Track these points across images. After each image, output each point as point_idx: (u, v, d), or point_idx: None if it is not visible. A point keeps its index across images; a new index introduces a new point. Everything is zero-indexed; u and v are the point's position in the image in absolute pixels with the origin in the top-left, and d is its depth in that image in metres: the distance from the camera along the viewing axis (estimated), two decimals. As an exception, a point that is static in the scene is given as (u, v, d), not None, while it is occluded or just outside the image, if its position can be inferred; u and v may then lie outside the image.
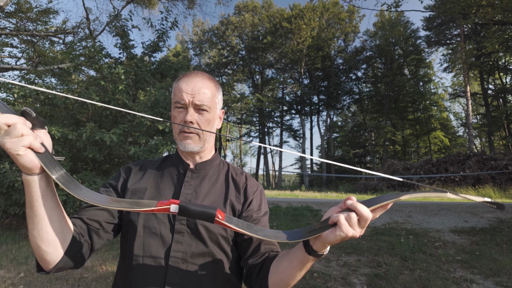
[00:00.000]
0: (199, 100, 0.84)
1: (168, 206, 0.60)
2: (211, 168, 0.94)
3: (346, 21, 25.68)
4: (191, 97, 0.84)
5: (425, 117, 26.07)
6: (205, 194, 0.87)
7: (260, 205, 0.91)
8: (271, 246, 0.84)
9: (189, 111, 0.84)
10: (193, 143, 0.86)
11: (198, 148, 0.88)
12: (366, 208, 0.58)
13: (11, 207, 5.09)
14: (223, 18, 28.32)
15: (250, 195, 0.91)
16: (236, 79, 29.51)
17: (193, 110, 0.85)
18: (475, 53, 16.95)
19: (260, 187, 0.96)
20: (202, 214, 0.61)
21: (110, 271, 3.63)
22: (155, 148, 5.14)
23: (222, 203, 0.87)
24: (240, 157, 43.62)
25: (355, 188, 16.33)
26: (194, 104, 0.84)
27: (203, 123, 0.86)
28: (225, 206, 0.86)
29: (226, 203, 0.87)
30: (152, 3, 14.11)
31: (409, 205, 7.80)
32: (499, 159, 12.79)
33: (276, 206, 8.01)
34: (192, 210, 0.60)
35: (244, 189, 0.91)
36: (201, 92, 0.85)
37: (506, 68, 21.41)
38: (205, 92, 0.86)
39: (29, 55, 11.23)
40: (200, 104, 0.84)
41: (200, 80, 0.87)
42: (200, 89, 0.85)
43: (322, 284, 3.29)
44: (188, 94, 0.84)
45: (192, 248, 0.79)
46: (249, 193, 0.91)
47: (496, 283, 3.28)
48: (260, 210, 0.90)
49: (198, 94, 0.84)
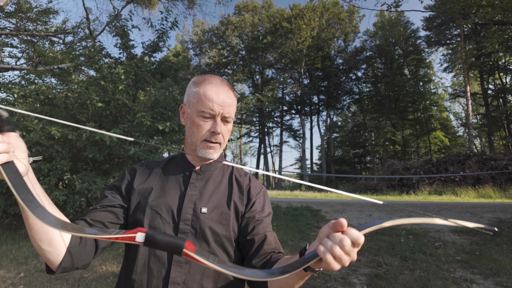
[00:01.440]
0: (228, 113, 0.86)
1: (134, 234, 0.55)
2: (215, 169, 0.95)
3: (346, 21, 25.68)
4: (221, 109, 0.85)
5: (425, 117, 26.07)
6: (210, 196, 0.88)
7: (263, 206, 0.91)
8: (273, 246, 0.84)
9: (218, 122, 0.85)
10: (215, 152, 0.89)
11: (217, 155, 0.91)
12: (357, 232, 0.54)
13: (11, 207, 5.09)
14: (223, 18, 28.32)
15: (253, 196, 0.91)
16: (236, 79, 29.51)
17: (220, 121, 0.86)
18: (475, 53, 16.96)
19: (263, 188, 0.97)
20: (169, 245, 0.55)
21: (110, 271, 3.63)
22: (155, 148, 5.14)
23: (225, 204, 0.87)
24: (240, 157, 43.63)
25: (355, 188, 16.33)
26: (222, 116, 0.86)
27: (226, 133, 0.89)
28: (229, 208, 0.87)
29: (230, 204, 0.88)
30: (152, 3, 14.11)
31: (409, 205, 7.81)
32: (499, 159, 12.80)
33: (276, 206, 8.01)
34: (159, 240, 0.55)
35: (248, 191, 0.92)
36: (229, 103, 0.87)
37: (506, 68, 21.41)
38: (231, 104, 0.88)
39: (29, 55, 11.23)
40: (228, 116, 0.87)
41: (227, 90, 0.88)
42: (228, 101, 0.87)
43: (322, 284, 3.29)
44: (219, 106, 0.84)
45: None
46: (253, 194, 0.91)
47: (496, 283, 3.28)
48: (263, 211, 0.90)
49: (228, 106, 0.86)
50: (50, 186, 4.66)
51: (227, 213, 0.85)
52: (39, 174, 4.73)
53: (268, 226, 0.89)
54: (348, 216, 6.80)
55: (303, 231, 5.70)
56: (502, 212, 6.55)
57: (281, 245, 0.88)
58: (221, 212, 0.85)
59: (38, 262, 3.90)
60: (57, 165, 4.72)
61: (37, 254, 4.21)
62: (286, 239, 5.14)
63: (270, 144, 34.47)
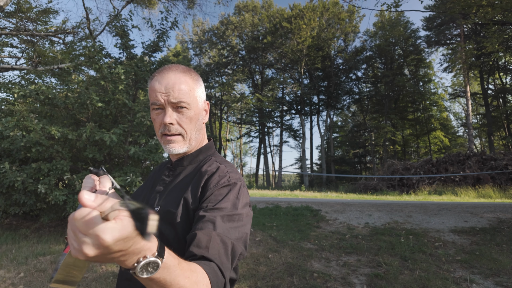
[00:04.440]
0: (175, 98, 0.77)
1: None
2: (189, 164, 0.86)
3: (346, 21, 25.67)
4: (165, 96, 0.77)
5: (425, 117, 26.08)
6: (169, 192, 0.81)
7: (220, 201, 0.71)
8: (200, 250, 0.62)
9: (167, 111, 0.78)
10: (177, 145, 0.80)
11: (185, 149, 0.82)
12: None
13: (11, 207, 5.09)
14: (223, 18, 28.32)
15: (210, 188, 0.74)
16: (236, 79, 29.50)
17: (171, 109, 0.78)
18: (475, 53, 16.95)
19: (233, 181, 0.77)
20: None
21: (110, 271, 3.63)
22: (155, 148, 5.14)
23: (175, 202, 0.76)
24: (240, 157, 43.62)
25: (355, 188, 16.33)
26: (171, 103, 0.78)
27: (184, 122, 0.80)
28: (178, 205, 0.75)
29: (180, 201, 0.75)
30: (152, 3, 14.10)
31: (409, 205, 7.80)
32: (499, 159, 12.80)
33: (276, 206, 8.01)
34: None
35: (205, 182, 0.76)
36: (175, 88, 0.78)
37: (506, 68, 21.40)
38: (180, 88, 0.78)
39: (29, 55, 11.23)
40: (177, 101, 0.78)
41: (173, 75, 0.79)
42: (174, 86, 0.78)
43: (322, 284, 3.29)
44: (162, 94, 0.77)
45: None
46: (209, 186, 0.75)
47: (496, 283, 3.28)
48: (217, 207, 0.70)
49: (173, 91, 0.77)
50: (50, 186, 4.66)
51: (173, 212, 0.74)
52: (39, 174, 4.73)
53: (210, 225, 0.66)
54: (348, 216, 6.80)
55: (303, 231, 5.70)
56: (502, 212, 6.55)
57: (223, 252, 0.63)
58: (167, 210, 0.75)
59: (38, 262, 3.90)
60: (57, 165, 4.72)
61: (37, 254, 4.21)
62: (286, 239, 5.14)
63: (270, 144, 34.50)
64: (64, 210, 4.97)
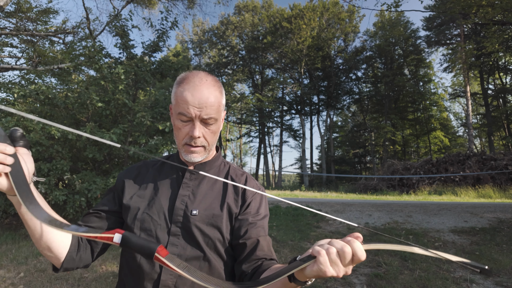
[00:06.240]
0: (207, 114, 0.79)
1: (112, 235, 0.57)
2: (210, 169, 0.91)
3: (346, 21, 25.67)
4: (198, 111, 0.78)
5: (425, 117, 26.07)
6: (203, 197, 0.85)
7: (258, 208, 0.87)
8: (265, 253, 0.81)
9: (196, 125, 0.79)
10: (199, 156, 0.83)
11: (203, 158, 0.85)
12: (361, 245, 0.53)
13: (11, 207, 5.09)
14: (223, 18, 28.31)
15: (249, 197, 0.87)
16: (236, 79, 29.50)
17: (200, 123, 0.80)
18: (475, 53, 16.96)
19: (261, 188, 0.92)
20: (142, 248, 0.57)
21: (110, 271, 3.63)
22: (155, 148, 5.14)
23: (219, 206, 0.84)
24: (240, 157, 43.62)
25: (355, 188, 16.33)
26: (201, 118, 0.79)
27: (209, 136, 0.83)
28: (221, 209, 0.83)
29: (223, 206, 0.84)
30: (152, 3, 14.11)
31: (409, 205, 7.80)
32: (499, 159, 12.80)
33: (276, 206, 8.01)
34: (133, 242, 0.57)
35: (243, 191, 0.88)
36: (208, 104, 0.78)
37: (506, 68, 21.40)
38: (212, 104, 0.79)
39: (29, 55, 11.23)
40: (207, 118, 0.79)
41: (206, 89, 0.79)
42: (207, 101, 0.78)
43: (322, 284, 3.29)
44: (195, 108, 0.77)
45: (187, 251, 0.78)
46: (248, 195, 0.87)
47: (496, 283, 3.28)
48: (259, 213, 0.86)
49: (206, 107, 0.78)
50: (50, 186, 4.66)
51: (219, 215, 0.82)
52: (39, 174, 4.73)
53: (262, 230, 0.84)
54: (348, 216, 6.80)
55: (303, 231, 5.70)
56: (502, 212, 6.55)
57: (274, 251, 0.85)
58: (212, 214, 0.82)
59: (38, 262, 3.90)
60: (57, 165, 4.72)
61: (37, 254, 4.22)
62: (286, 239, 5.14)
63: (270, 144, 34.50)
64: (64, 210, 4.97)
